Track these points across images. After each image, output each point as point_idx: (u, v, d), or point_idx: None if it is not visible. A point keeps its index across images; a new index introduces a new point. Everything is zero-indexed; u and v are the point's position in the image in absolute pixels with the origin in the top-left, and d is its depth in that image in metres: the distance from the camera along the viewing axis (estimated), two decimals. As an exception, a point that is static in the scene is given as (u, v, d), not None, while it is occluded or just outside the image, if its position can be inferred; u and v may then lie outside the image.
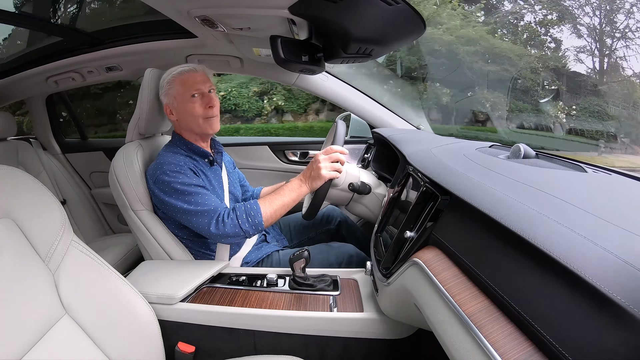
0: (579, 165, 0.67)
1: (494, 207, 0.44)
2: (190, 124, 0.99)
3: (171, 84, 0.97)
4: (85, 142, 1.96)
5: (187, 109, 0.97)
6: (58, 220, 0.67)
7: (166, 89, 0.98)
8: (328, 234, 1.27)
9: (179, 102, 0.97)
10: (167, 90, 0.98)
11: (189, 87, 0.96)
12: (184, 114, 0.98)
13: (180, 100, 0.97)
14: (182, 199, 0.91)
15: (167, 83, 0.98)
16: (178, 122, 1.01)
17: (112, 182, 1.00)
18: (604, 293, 0.28)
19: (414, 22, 0.76)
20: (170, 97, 0.98)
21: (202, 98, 0.97)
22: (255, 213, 0.90)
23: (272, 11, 0.77)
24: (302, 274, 0.88)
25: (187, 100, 0.96)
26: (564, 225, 0.36)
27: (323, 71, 1.15)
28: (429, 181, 0.65)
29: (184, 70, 0.97)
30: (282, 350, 0.80)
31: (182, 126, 1.01)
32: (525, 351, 0.34)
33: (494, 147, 0.95)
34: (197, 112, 0.97)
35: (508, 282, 0.40)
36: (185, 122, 0.99)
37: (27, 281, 0.60)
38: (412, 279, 0.57)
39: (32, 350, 0.57)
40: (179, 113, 0.99)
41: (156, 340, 0.74)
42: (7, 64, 1.54)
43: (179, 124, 1.02)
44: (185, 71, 0.97)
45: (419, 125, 1.54)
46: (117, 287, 0.70)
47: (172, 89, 0.97)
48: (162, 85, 0.99)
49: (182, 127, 1.02)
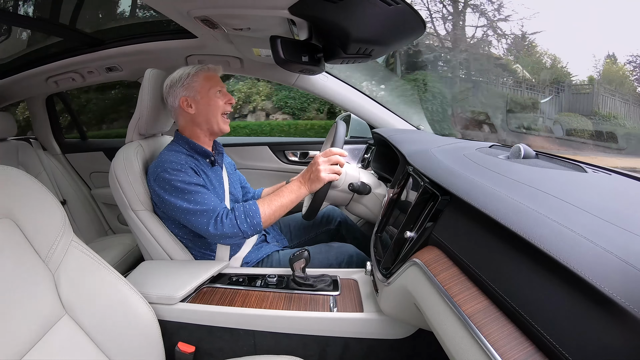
0: (579, 165, 0.67)
1: (494, 207, 0.44)
2: (209, 119, 1.01)
3: (195, 77, 0.99)
4: (85, 142, 1.96)
5: (210, 103, 1.00)
6: (58, 220, 0.67)
7: (187, 82, 0.99)
8: (328, 234, 1.27)
9: (202, 95, 0.99)
10: (190, 83, 0.99)
11: (215, 83, 1.01)
12: (206, 107, 1.00)
13: (205, 94, 0.99)
14: (182, 198, 0.91)
15: (191, 76, 0.99)
16: (194, 116, 1.01)
17: (112, 182, 1.00)
18: (604, 293, 0.28)
19: (414, 22, 0.76)
20: (192, 90, 0.99)
21: (224, 95, 1.02)
22: (253, 214, 0.91)
23: (272, 11, 0.77)
24: (302, 274, 0.88)
25: (212, 95, 1.00)
26: (564, 225, 0.36)
27: (323, 71, 1.15)
28: (429, 181, 0.65)
29: (209, 66, 1.02)
30: (282, 350, 0.80)
31: (196, 122, 1.02)
32: (525, 351, 0.34)
33: (494, 147, 0.95)
34: (220, 107, 1.01)
35: (508, 282, 0.40)
36: (204, 115, 1.01)
37: (27, 281, 0.60)
38: (412, 279, 0.57)
39: (32, 350, 0.57)
40: (199, 106, 1.00)
41: (156, 341, 0.74)
42: (7, 64, 1.54)
43: (191, 119, 1.02)
44: (211, 68, 1.03)
45: (419, 125, 1.54)
46: (117, 287, 0.70)
47: (196, 82, 0.99)
48: (180, 79, 1.00)
49: (195, 123, 1.02)
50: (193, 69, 1.01)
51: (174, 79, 1.01)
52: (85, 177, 1.93)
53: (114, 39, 1.38)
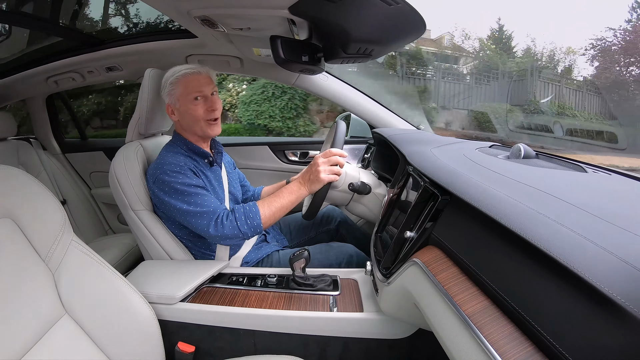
0: (579, 165, 0.67)
1: (494, 207, 0.44)
2: (192, 126, 0.99)
3: (174, 85, 0.97)
4: (85, 142, 1.96)
5: (189, 111, 0.97)
6: (58, 220, 0.67)
7: (169, 89, 0.98)
8: (328, 234, 1.27)
9: (181, 103, 0.97)
10: (170, 91, 0.98)
11: (192, 89, 0.96)
12: (185, 115, 0.98)
13: (183, 102, 0.97)
14: (182, 199, 0.91)
15: (170, 84, 0.97)
16: (179, 123, 1.01)
17: (112, 182, 1.00)
18: (603, 293, 0.28)
19: (414, 22, 0.76)
20: (172, 97, 0.98)
21: (205, 101, 0.97)
22: (254, 215, 0.91)
23: (272, 11, 0.77)
24: (302, 274, 0.88)
25: (189, 103, 0.96)
26: (564, 225, 0.36)
27: (323, 71, 1.15)
28: (429, 181, 0.65)
29: (187, 72, 0.97)
30: (282, 350, 0.80)
31: (183, 127, 1.01)
32: (525, 351, 0.34)
33: (494, 147, 0.95)
34: (199, 115, 0.97)
35: (508, 282, 0.40)
36: (186, 123, 0.99)
37: (27, 281, 0.60)
38: (412, 279, 0.57)
39: (32, 350, 0.57)
40: (180, 114, 0.99)
41: (156, 340, 0.74)
42: (7, 64, 1.54)
43: (180, 124, 1.02)
44: (189, 73, 0.97)
45: (419, 125, 1.54)
46: (117, 287, 0.70)
47: (175, 90, 0.97)
48: (165, 85, 0.99)
49: (183, 128, 1.02)
50: (173, 75, 0.97)
51: (163, 83, 1.00)
52: (85, 177, 1.93)
53: (114, 39, 1.38)
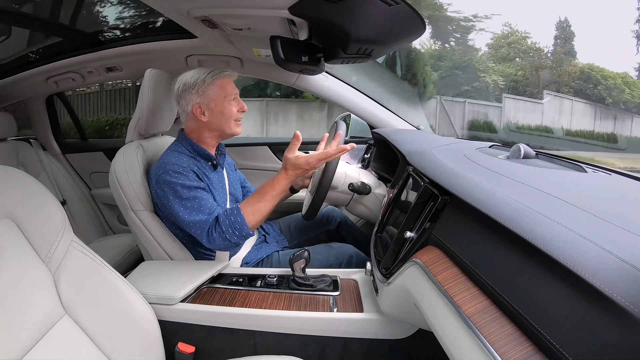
0: (578, 165, 0.67)
1: (494, 207, 0.44)
2: (222, 125, 1.01)
3: (211, 85, 0.98)
4: (85, 143, 1.96)
5: (225, 111, 1.00)
6: (58, 220, 0.67)
7: (202, 89, 0.98)
8: (328, 234, 1.27)
9: (217, 103, 0.99)
10: (205, 91, 0.98)
11: (230, 90, 1.01)
12: (219, 115, 1.00)
13: (219, 102, 0.99)
14: (180, 203, 0.92)
15: (206, 84, 0.98)
16: (206, 123, 1.01)
17: (112, 183, 1.00)
18: (604, 293, 0.28)
19: (414, 22, 0.76)
20: (206, 97, 0.98)
21: (237, 102, 1.02)
22: (240, 226, 0.91)
23: (272, 12, 0.77)
24: (302, 274, 0.88)
25: (226, 103, 1.00)
26: (564, 225, 0.36)
27: (323, 71, 1.15)
28: (429, 181, 0.65)
29: (224, 73, 1.01)
30: (282, 351, 0.80)
31: (209, 127, 1.02)
32: (525, 351, 0.34)
33: (494, 147, 0.95)
34: (233, 114, 1.01)
35: (508, 282, 0.40)
36: (218, 122, 1.01)
37: (27, 281, 0.60)
38: (412, 279, 0.57)
39: (32, 350, 0.57)
40: (213, 114, 1.00)
41: (156, 341, 0.74)
42: (7, 64, 1.54)
43: (204, 125, 1.01)
44: (227, 74, 1.01)
45: (419, 125, 1.54)
46: (117, 287, 0.70)
47: (211, 90, 0.98)
48: (193, 85, 0.98)
49: (207, 128, 1.02)
50: (208, 75, 0.99)
51: (187, 84, 0.99)
52: (85, 177, 1.93)
53: (114, 39, 1.38)
